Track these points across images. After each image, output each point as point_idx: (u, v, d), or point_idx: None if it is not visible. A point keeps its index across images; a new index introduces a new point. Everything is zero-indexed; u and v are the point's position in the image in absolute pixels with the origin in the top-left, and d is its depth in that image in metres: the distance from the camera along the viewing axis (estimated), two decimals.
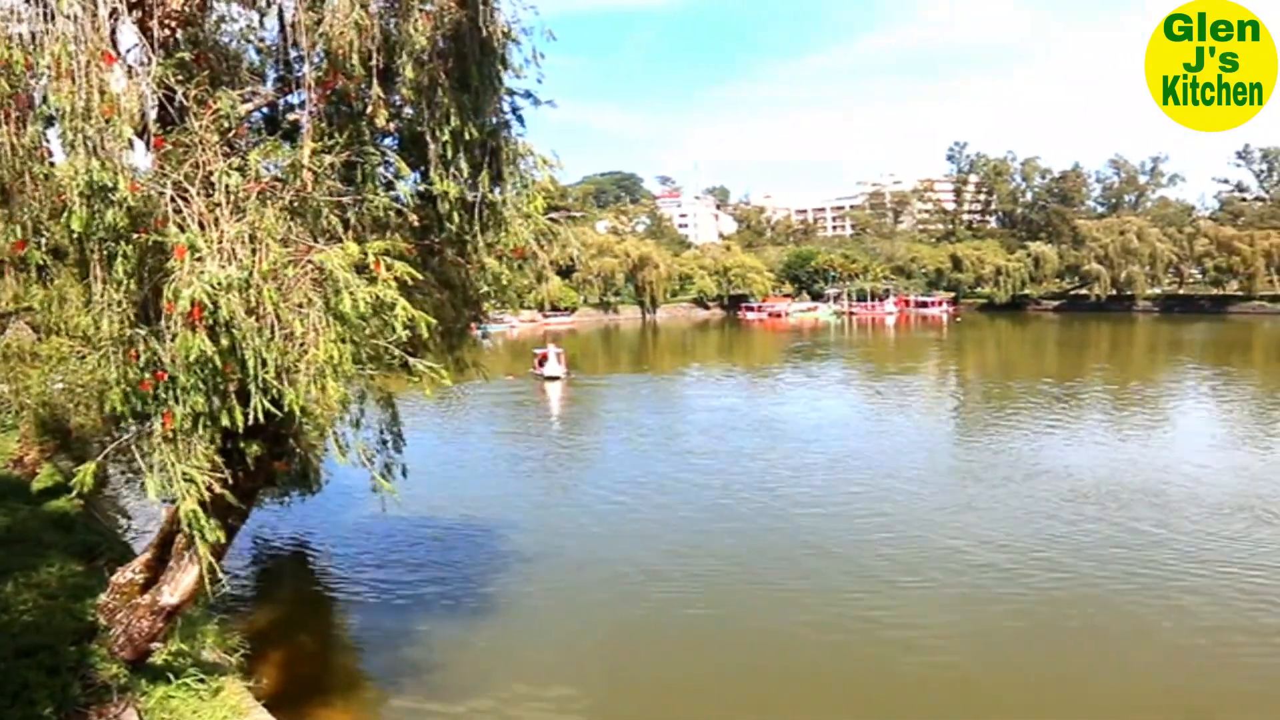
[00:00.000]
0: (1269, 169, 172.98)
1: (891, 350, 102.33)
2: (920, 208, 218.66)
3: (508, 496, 32.63)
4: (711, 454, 39.19)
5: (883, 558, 24.78)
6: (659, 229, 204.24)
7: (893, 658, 19.00)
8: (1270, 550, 24.45)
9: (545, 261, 13.73)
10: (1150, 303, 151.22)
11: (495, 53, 11.86)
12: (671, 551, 25.83)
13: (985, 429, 46.38)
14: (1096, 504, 29.29)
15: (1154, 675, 18.03)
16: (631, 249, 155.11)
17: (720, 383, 71.05)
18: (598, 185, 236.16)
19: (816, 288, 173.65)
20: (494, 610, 21.76)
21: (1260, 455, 37.60)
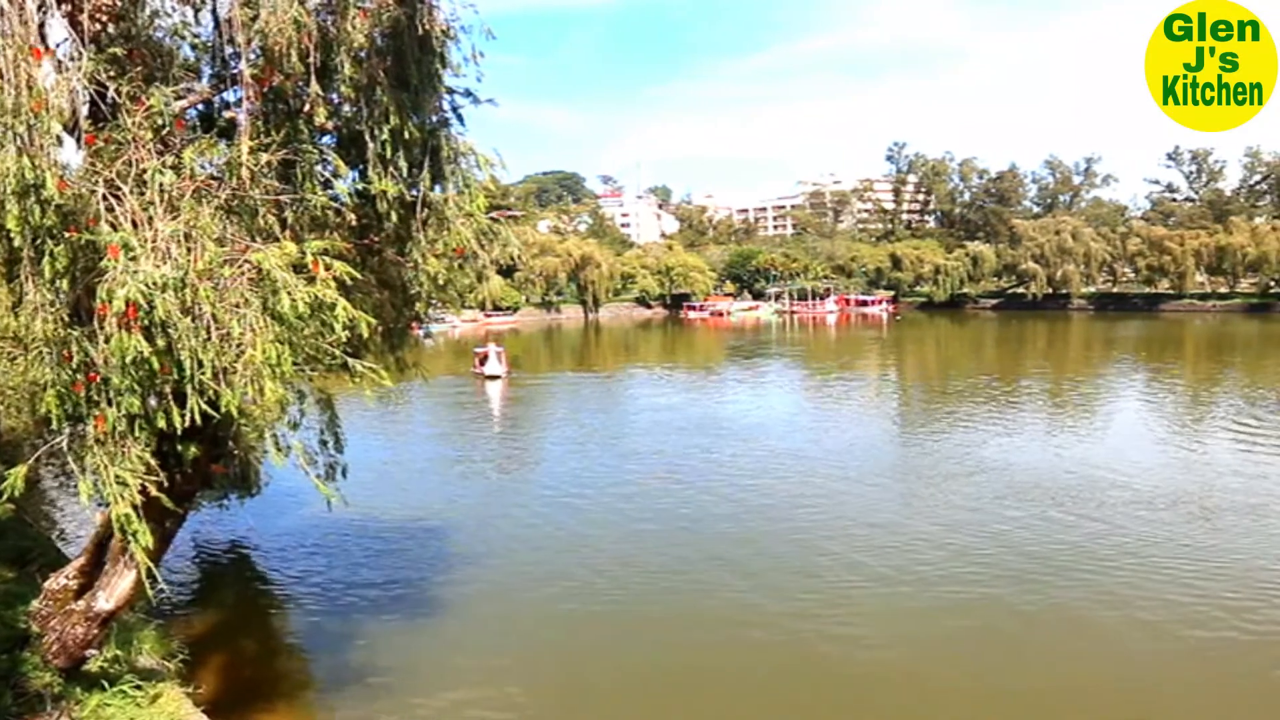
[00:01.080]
0: (1198, 170, 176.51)
1: (833, 349, 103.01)
2: (860, 207, 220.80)
3: (450, 497, 32.43)
4: (655, 454, 39.18)
5: (826, 556, 24.91)
6: (601, 228, 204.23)
7: (836, 655, 19.11)
8: (1204, 545, 24.86)
9: (486, 261, 13.66)
10: (1085, 301, 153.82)
11: (434, 51, 11.78)
12: (616, 552, 25.79)
13: (926, 426, 46.83)
14: (1035, 501, 29.62)
15: (1095, 668, 18.24)
16: (574, 248, 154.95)
17: (663, 382, 71.11)
18: (540, 184, 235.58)
19: (758, 287, 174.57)
20: (439, 611, 21.62)
21: (1191, 450, 38.26)
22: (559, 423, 51.31)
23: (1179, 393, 58.49)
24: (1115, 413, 50.93)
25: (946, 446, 39.69)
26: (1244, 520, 26.94)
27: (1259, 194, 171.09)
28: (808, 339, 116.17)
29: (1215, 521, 26.92)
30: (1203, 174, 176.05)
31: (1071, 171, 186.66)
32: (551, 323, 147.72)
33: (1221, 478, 32.47)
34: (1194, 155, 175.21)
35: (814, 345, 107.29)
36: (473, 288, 15.03)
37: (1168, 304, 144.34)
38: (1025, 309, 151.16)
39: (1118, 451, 37.67)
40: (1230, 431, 41.88)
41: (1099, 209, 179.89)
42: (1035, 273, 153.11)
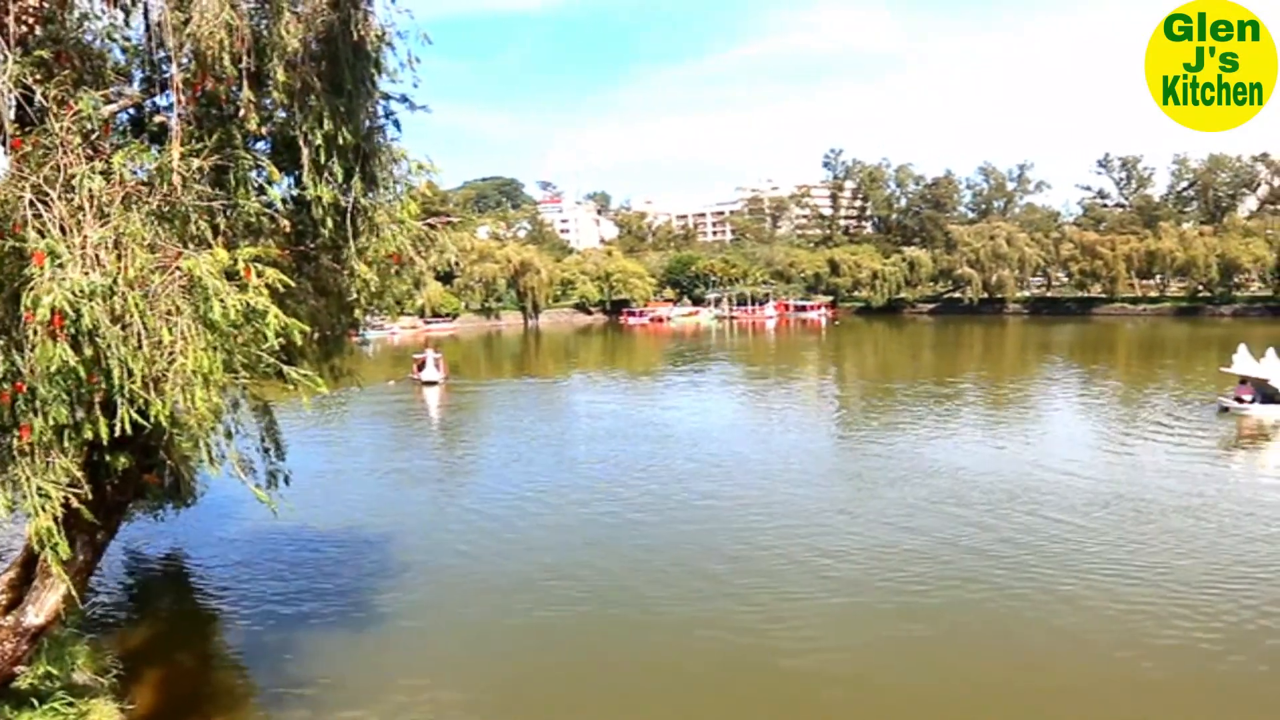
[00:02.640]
0: (1128, 177, 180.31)
1: (773, 354, 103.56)
2: (798, 213, 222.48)
3: (390, 505, 32.11)
4: (597, 461, 39.09)
5: (771, 559, 24.96)
6: (541, 234, 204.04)
7: (779, 659, 19.15)
8: (1139, 545, 25.22)
9: (424, 267, 13.60)
10: (1020, 305, 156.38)
11: (369, 56, 11.73)
12: (558, 559, 25.68)
13: (868, 430, 47.18)
14: (973, 504, 29.91)
15: (1033, 669, 18.48)
16: (513, 254, 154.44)
17: (604, 388, 71.05)
18: (478, 190, 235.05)
19: (698, 292, 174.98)
20: (379, 621, 21.41)
21: (1127, 451, 38.92)
22: (499, 430, 51.07)
23: (1113, 395, 59.49)
24: (1052, 415, 51.71)
25: (888, 450, 40.02)
26: (1182, 520, 27.40)
27: (1186, 200, 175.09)
28: (748, 344, 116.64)
29: (1154, 522, 27.35)
30: (1132, 180, 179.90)
31: (1005, 178, 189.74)
32: (491, 329, 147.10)
33: (1158, 478, 33.10)
34: (1124, 162, 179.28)
35: (754, 350, 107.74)
36: (410, 294, 14.97)
37: (1100, 308, 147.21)
38: (962, 313, 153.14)
39: (1056, 454, 38.22)
40: (1163, 433, 42.68)
41: (1032, 214, 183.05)
42: (971, 278, 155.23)
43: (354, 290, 13.27)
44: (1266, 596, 21.16)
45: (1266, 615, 20.21)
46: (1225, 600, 21.01)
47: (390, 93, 12.67)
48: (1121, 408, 52.47)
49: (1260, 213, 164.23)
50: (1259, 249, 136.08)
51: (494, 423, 54.25)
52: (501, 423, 53.61)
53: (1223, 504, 29.30)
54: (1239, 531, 26.18)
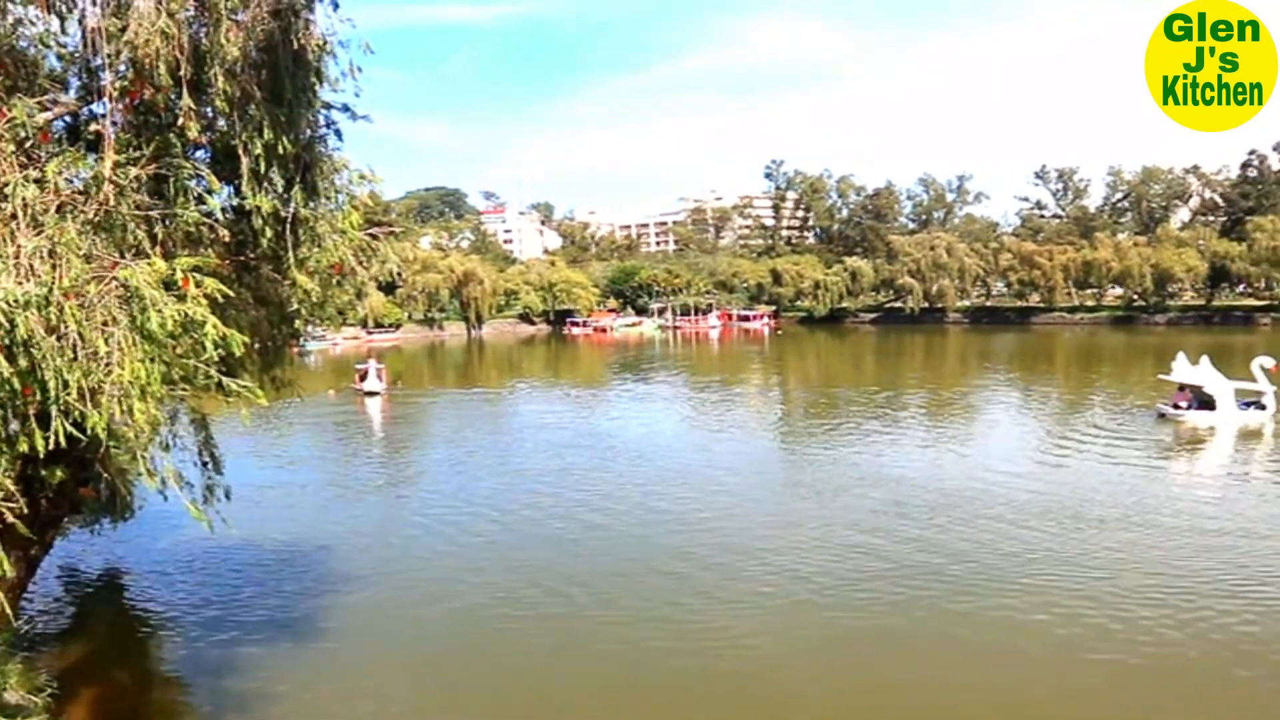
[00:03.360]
0: (1064, 188, 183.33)
1: (716, 364, 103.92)
2: (741, 223, 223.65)
3: (331, 518, 31.80)
4: (540, 471, 38.91)
5: (713, 572, 24.99)
6: (484, 245, 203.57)
7: (723, 669, 19.20)
8: (1080, 554, 25.49)
9: (365, 277, 13.51)
10: (960, 314, 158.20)
11: (310, 65, 11.61)
12: (502, 571, 25.56)
13: (810, 440, 47.44)
14: (916, 514, 30.11)
15: (973, 679, 18.65)
16: (456, 265, 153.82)
17: (548, 399, 70.88)
18: (421, 200, 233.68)
19: (641, 302, 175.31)
20: (321, 635, 21.18)
21: (1066, 459, 39.37)
22: (443, 441, 50.80)
23: (1053, 403, 60.35)
24: (993, 423, 52.35)
25: (831, 459, 40.28)
26: (1122, 528, 27.75)
27: (1121, 211, 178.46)
28: (691, 354, 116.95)
29: (1095, 530, 27.69)
30: (1069, 191, 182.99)
31: (945, 189, 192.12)
32: (434, 340, 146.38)
33: (1098, 485, 33.61)
34: (1060, 174, 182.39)
35: (698, 360, 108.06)
36: (352, 305, 14.87)
37: (1038, 317, 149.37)
38: (903, 323, 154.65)
39: (997, 462, 38.71)
40: (1104, 439, 43.38)
41: (972, 225, 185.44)
42: (912, 287, 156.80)
43: (295, 301, 13.15)
44: (1205, 606, 21.44)
45: (1206, 625, 20.51)
46: (1164, 610, 21.29)
47: (332, 102, 12.57)
48: (1062, 415, 53.19)
49: (1192, 224, 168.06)
50: (1191, 259, 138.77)
51: (437, 434, 53.95)
52: (445, 434, 53.32)
53: (1162, 511, 29.70)
54: (1177, 539, 26.52)
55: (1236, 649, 19.15)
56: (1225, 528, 27.49)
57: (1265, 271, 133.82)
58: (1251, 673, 18.28)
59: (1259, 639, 19.58)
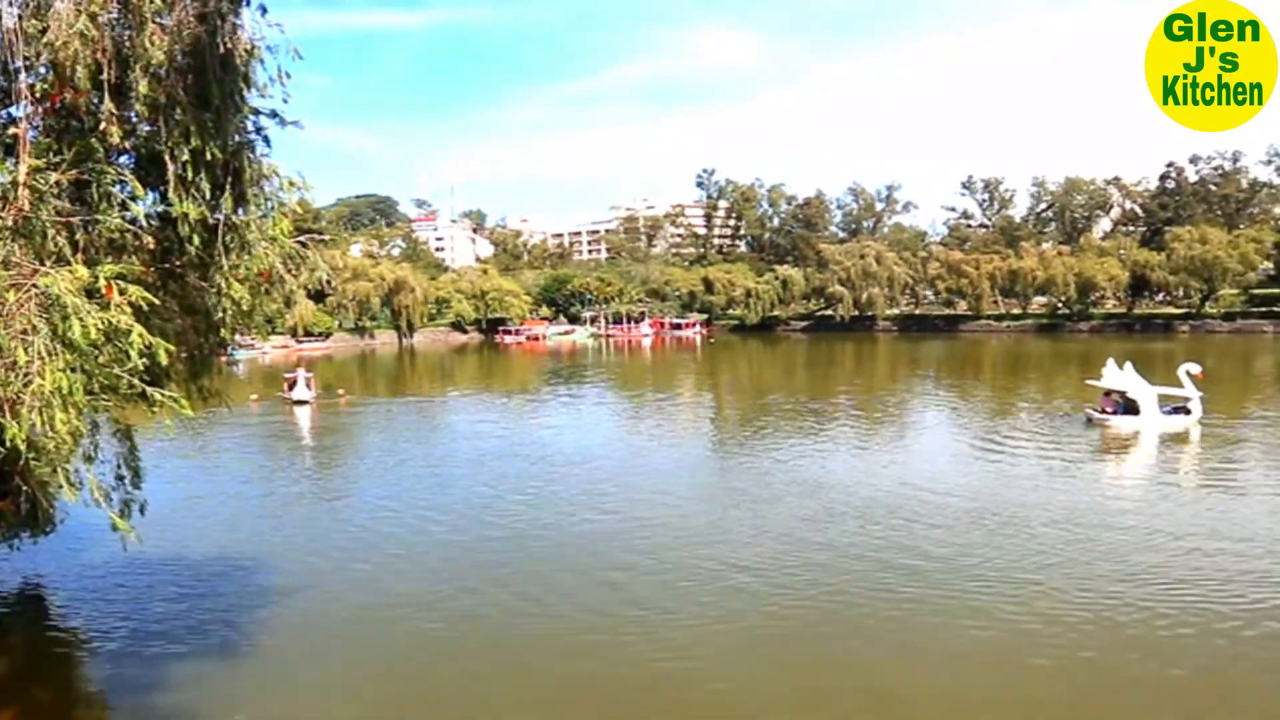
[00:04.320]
0: (990, 198, 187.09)
1: (649, 372, 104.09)
2: (673, 232, 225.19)
3: (260, 530, 31.24)
4: (473, 481, 38.56)
5: (648, 581, 24.90)
6: (415, 252, 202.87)
7: (661, 677, 19.14)
8: (1013, 560, 25.66)
9: (295, 285, 13.33)
10: (890, 322, 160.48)
11: (237, 70, 11.46)
12: (436, 582, 25.26)
13: (743, 448, 47.56)
14: (849, 521, 30.15)
15: (908, 690, 18.74)
16: (387, 272, 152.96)
17: (481, 407, 70.43)
18: (352, 208, 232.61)
19: (574, 310, 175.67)
20: (252, 651, 20.78)
21: (996, 465, 39.75)
22: (374, 450, 50.23)
23: (984, 409, 61.09)
24: (925, 430, 52.94)
25: (764, 467, 40.37)
26: (1054, 533, 28.00)
27: (1045, 221, 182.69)
28: (624, 362, 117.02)
29: (1026, 535, 27.86)
30: (994, 202, 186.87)
31: (874, 198, 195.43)
32: (365, 348, 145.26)
33: (1030, 491, 33.84)
34: (986, 184, 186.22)
35: (631, 368, 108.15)
36: (281, 313, 14.70)
37: (966, 325, 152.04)
38: (834, 330, 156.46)
39: (929, 468, 39.06)
40: (1033, 445, 43.96)
41: (900, 234, 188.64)
42: (842, 295, 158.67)
43: (222, 309, 12.92)
44: (1136, 609, 21.69)
45: (1136, 629, 20.80)
46: (1094, 613, 21.54)
47: (260, 108, 12.41)
48: (992, 421, 53.81)
49: (1113, 233, 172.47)
50: (1113, 268, 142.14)
51: (369, 443, 53.34)
52: (376, 443, 52.75)
53: (1090, 514, 29.91)
54: (1106, 542, 26.75)
55: (1168, 650, 19.42)
56: (1153, 530, 27.85)
57: (1183, 280, 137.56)
58: (1183, 672, 18.59)
59: (1189, 639, 19.88)
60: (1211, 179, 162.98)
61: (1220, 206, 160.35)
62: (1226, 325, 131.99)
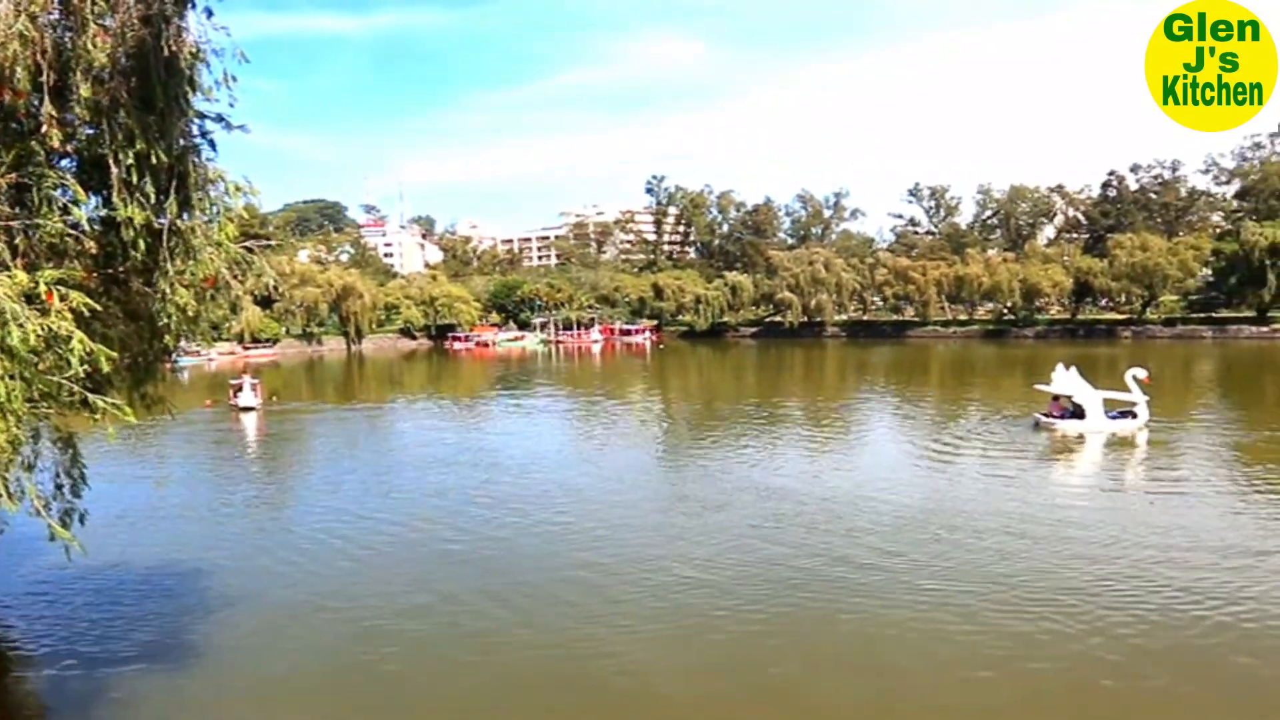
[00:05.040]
0: (936, 205, 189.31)
1: (599, 378, 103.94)
2: (622, 238, 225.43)
3: (205, 540, 30.76)
4: (421, 489, 38.22)
5: (598, 588, 24.82)
6: (364, 258, 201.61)
7: (609, 685, 19.10)
8: (962, 568, 25.78)
9: (241, 291, 13.17)
10: (838, 328, 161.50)
11: (182, 73, 11.31)
12: (382, 591, 25.03)
13: (693, 454, 47.56)
14: (798, 527, 30.16)
15: (852, 698, 18.83)
16: (335, 278, 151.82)
17: (431, 414, 69.99)
18: (300, 213, 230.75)
19: (523, 317, 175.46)
20: (196, 664, 20.45)
21: (945, 470, 40.01)
22: (322, 458, 49.82)
23: (933, 414, 61.46)
24: (874, 435, 53.19)
25: (714, 473, 40.41)
26: (1003, 539, 28.13)
27: (991, 228, 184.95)
28: (574, 369, 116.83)
29: (975, 541, 28.02)
30: (940, 209, 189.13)
31: (822, 205, 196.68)
32: (313, 355, 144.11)
33: (979, 496, 34.22)
34: (932, 191, 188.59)
35: (581, 375, 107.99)
36: (227, 319, 14.52)
37: (914, 330, 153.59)
38: (783, 337, 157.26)
39: (879, 473, 39.32)
40: (983, 449, 44.44)
41: (848, 241, 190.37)
42: (791, 302, 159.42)
43: (167, 315, 12.71)
44: (1082, 615, 21.83)
45: (1081, 637, 20.99)
46: (1039, 620, 21.68)
47: (206, 111, 12.27)
48: (941, 426, 54.07)
49: (1057, 240, 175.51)
50: (1057, 274, 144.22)
51: (316, 451, 52.89)
52: (324, 451, 52.32)
53: (1039, 522, 29.86)
54: (1055, 551, 26.78)
55: (1116, 659, 19.59)
56: (1102, 537, 27.99)
57: (1125, 287, 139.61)
58: (1132, 681, 18.76)
59: (1138, 647, 20.03)
60: (1151, 187, 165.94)
61: (1160, 214, 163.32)
62: (1167, 331, 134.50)
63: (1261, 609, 21.77)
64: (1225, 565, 24.94)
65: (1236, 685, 18.33)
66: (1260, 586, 23.26)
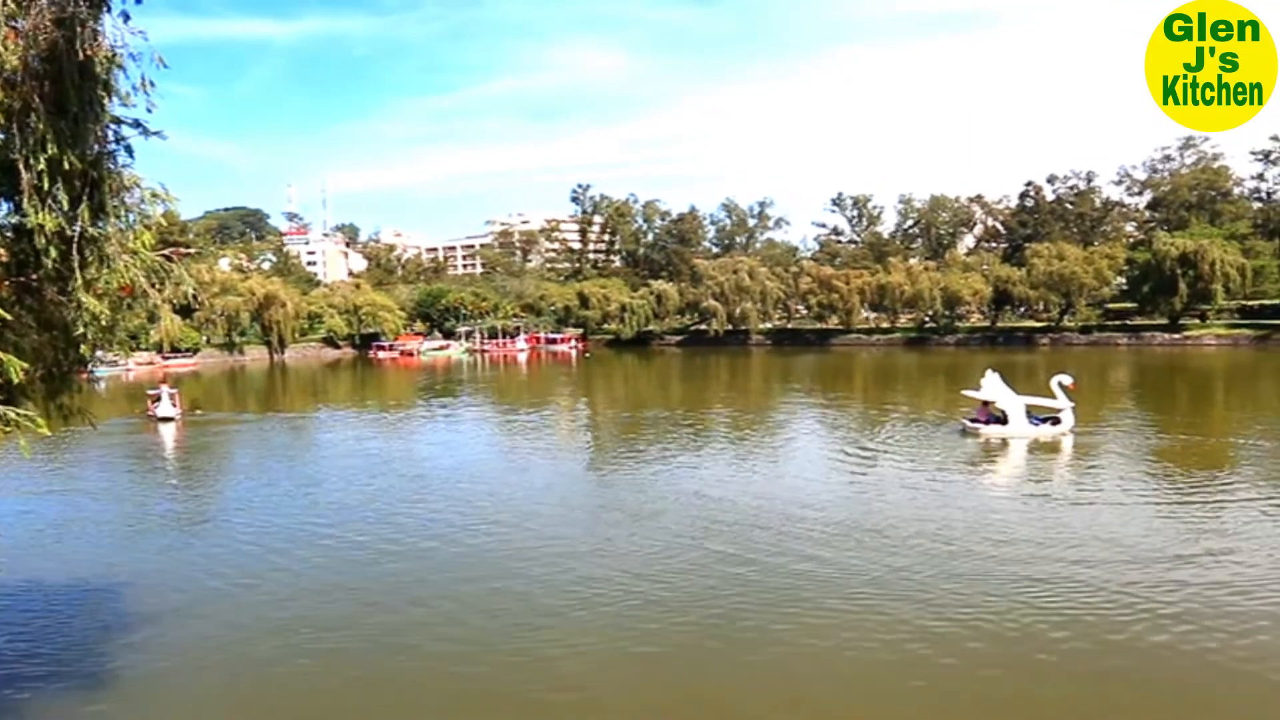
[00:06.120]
0: (859, 215, 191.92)
1: (525, 387, 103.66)
2: (548, 247, 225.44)
3: (124, 556, 30.05)
4: (347, 501, 37.66)
5: (525, 598, 24.73)
6: (286, 266, 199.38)
7: (539, 697, 19.03)
8: (886, 569, 26.11)
9: (159, 300, 12.92)
10: (763, 336, 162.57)
11: (98, 77, 11.08)
12: (307, 606, 24.62)
13: (621, 463, 47.50)
14: (727, 536, 30.24)
15: (785, 698, 18.91)
16: (257, 287, 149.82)
17: (356, 424, 69.12)
18: (221, 221, 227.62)
19: (448, 326, 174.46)
20: (117, 683, 19.93)
21: (867, 476, 40.50)
22: (245, 470, 49.02)
23: (855, 421, 62.02)
24: (799, 442, 53.56)
25: (642, 482, 40.46)
26: (932, 544, 28.41)
27: (912, 237, 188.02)
28: (500, 377, 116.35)
29: (896, 544, 28.38)
30: (863, 218, 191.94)
31: (746, 214, 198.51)
32: (235, 364, 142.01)
33: (903, 503, 34.53)
34: (855, 201, 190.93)
35: (506, 384, 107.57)
36: (145, 328, 14.25)
37: (838, 339, 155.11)
38: (708, 345, 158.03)
39: (805, 480, 39.73)
40: (910, 455, 45.17)
41: (773, 250, 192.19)
42: (716, 310, 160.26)
43: (82, 324, 12.44)
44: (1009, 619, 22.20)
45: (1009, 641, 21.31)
46: (972, 631, 21.93)
47: (122, 117, 12.01)
48: (866, 433, 54.54)
49: (977, 249, 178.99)
50: (977, 283, 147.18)
51: (239, 462, 52.06)
52: (247, 462, 51.50)
53: (965, 528, 30.32)
54: (981, 556, 27.08)
55: (1043, 664, 19.91)
56: (1028, 541, 28.41)
57: (1043, 295, 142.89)
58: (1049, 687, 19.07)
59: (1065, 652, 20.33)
60: (1067, 198, 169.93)
61: (1076, 224, 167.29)
62: (1084, 338, 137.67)
63: (1187, 610, 22.29)
64: (1150, 569, 25.45)
65: (1165, 687, 18.74)
66: (1185, 589, 23.75)
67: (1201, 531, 29.56)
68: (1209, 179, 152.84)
